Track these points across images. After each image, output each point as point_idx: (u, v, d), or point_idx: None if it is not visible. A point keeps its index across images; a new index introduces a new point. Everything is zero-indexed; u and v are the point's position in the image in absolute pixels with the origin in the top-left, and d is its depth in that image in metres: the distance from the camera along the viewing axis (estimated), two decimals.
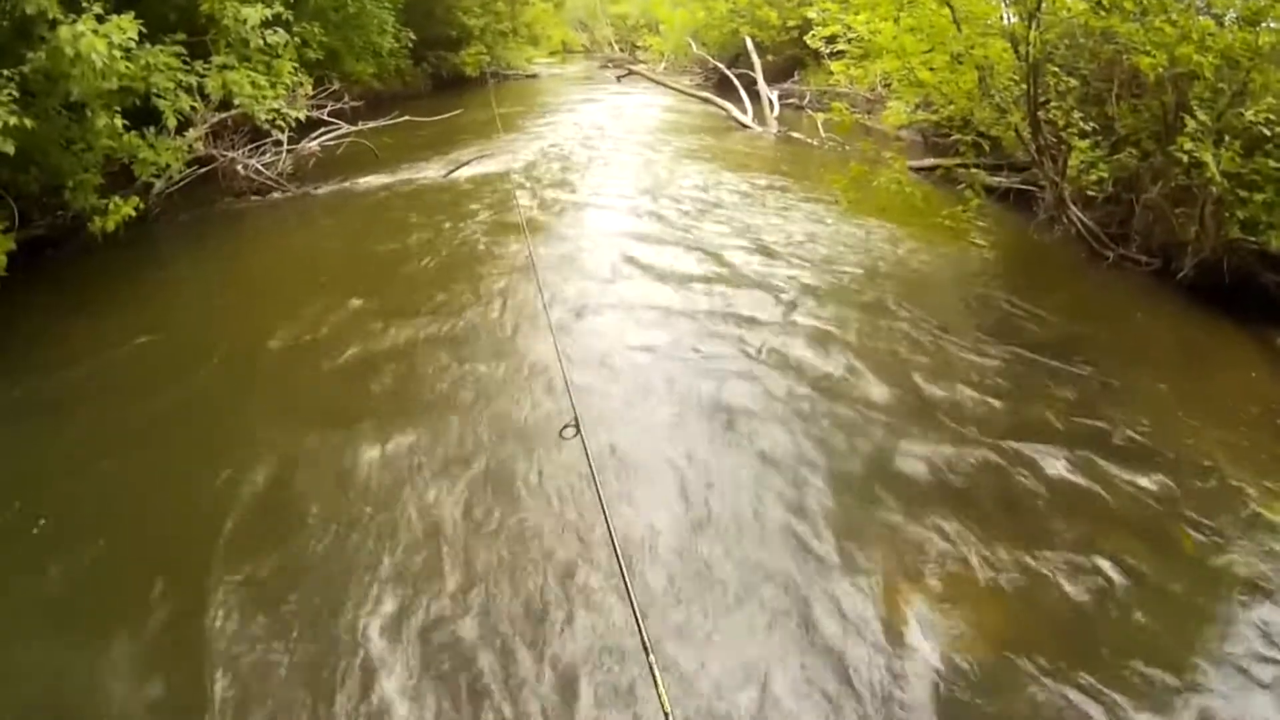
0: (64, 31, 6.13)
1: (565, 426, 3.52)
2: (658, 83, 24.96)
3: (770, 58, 21.21)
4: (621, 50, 38.72)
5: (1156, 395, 5.84)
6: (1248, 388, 6.16)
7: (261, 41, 8.47)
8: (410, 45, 17.87)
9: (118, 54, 6.44)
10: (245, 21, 8.17)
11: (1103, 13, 6.93)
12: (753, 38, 21.16)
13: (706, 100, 20.09)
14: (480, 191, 11.04)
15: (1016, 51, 7.76)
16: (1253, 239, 6.77)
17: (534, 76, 30.26)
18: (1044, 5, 7.14)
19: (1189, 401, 5.87)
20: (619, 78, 28.40)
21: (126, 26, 6.53)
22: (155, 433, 5.11)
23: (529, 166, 12.73)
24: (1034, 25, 7.13)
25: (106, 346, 6.26)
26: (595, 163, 13.34)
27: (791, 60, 21.89)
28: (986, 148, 8.95)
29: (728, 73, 21.01)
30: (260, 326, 6.63)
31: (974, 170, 8.29)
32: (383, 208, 10.21)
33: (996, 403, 5.50)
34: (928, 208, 8.93)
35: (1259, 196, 6.58)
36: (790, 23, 21.46)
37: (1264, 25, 6.45)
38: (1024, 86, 7.79)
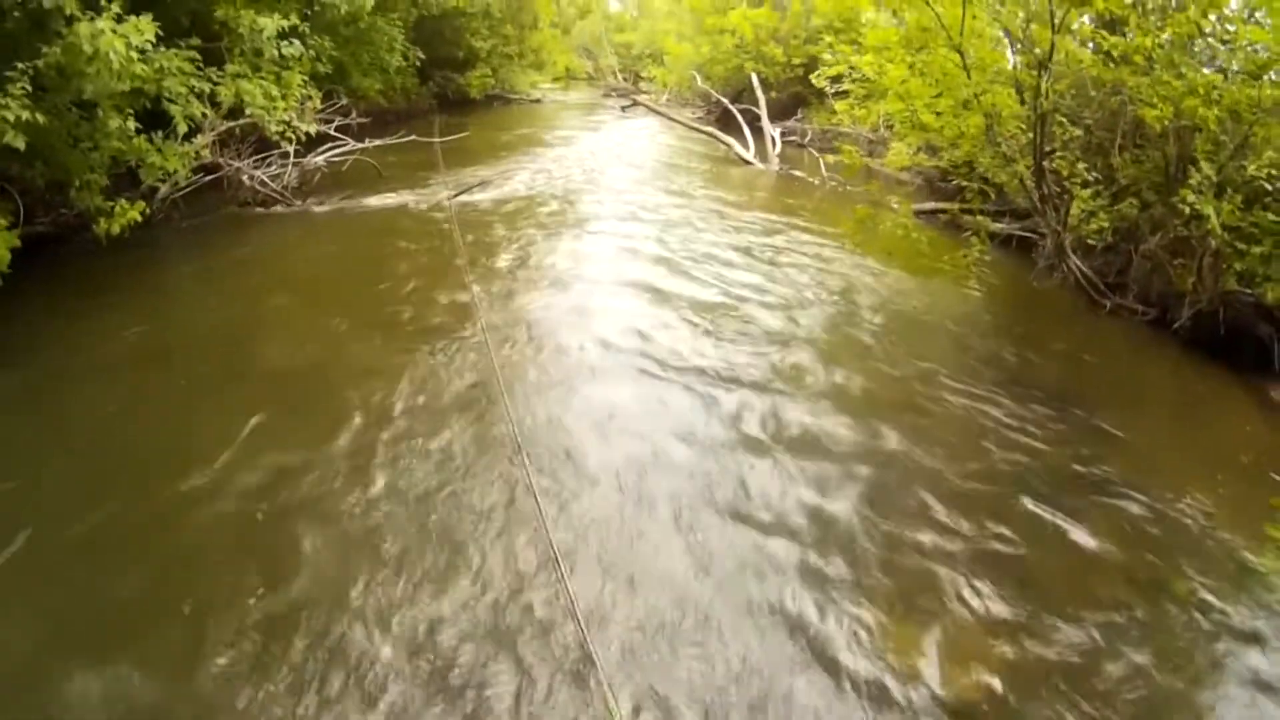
0: (84, 28, 6.12)
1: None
2: (662, 115, 25.13)
3: (773, 94, 21.42)
4: (625, 79, 39.03)
5: (1152, 444, 5.87)
6: (1242, 439, 6.21)
7: (276, 53, 8.48)
8: (418, 64, 17.96)
9: (134, 55, 6.43)
10: (262, 31, 8.19)
11: (1112, 65, 7.03)
12: (758, 74, 21.35)
13: (710, 135, 20.22)
14: (485, 220, 10.97)
15: (1022, 100, 7.87)
16: (1249, 291, 6.86)
17: (538, 101, 30.48)
18: (1054, 56, 7.22)
19: (1184, 451, 5.92)
20: (624, 108, 28.59)
21: (145, 28, 6.54)
22: (144, 432, 5.07)
23: (535, 195, 12.72)
24: (1045, 76, 7.22)
25: (105, 349, 6.18)
26: (600, 196, 13.32)
27: (794, 98, 22.11)
28: (992, 196, 9.03)
29: (731, 108, 21.17)
30: (258, 342, 6.58)
31: (980, 218, 8.36)
32: (385, 230, 10.07)
33: (996, 449, 5.50)
34: (930, 252, 8.96)
35: (1257, 249, 6.67)
36: (795, 60, 21.71)
37: (1267, 78, 6.57)
38: (1030, 135, 7.88)
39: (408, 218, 10.79)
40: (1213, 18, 7.14)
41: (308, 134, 10.16)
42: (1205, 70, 6.97)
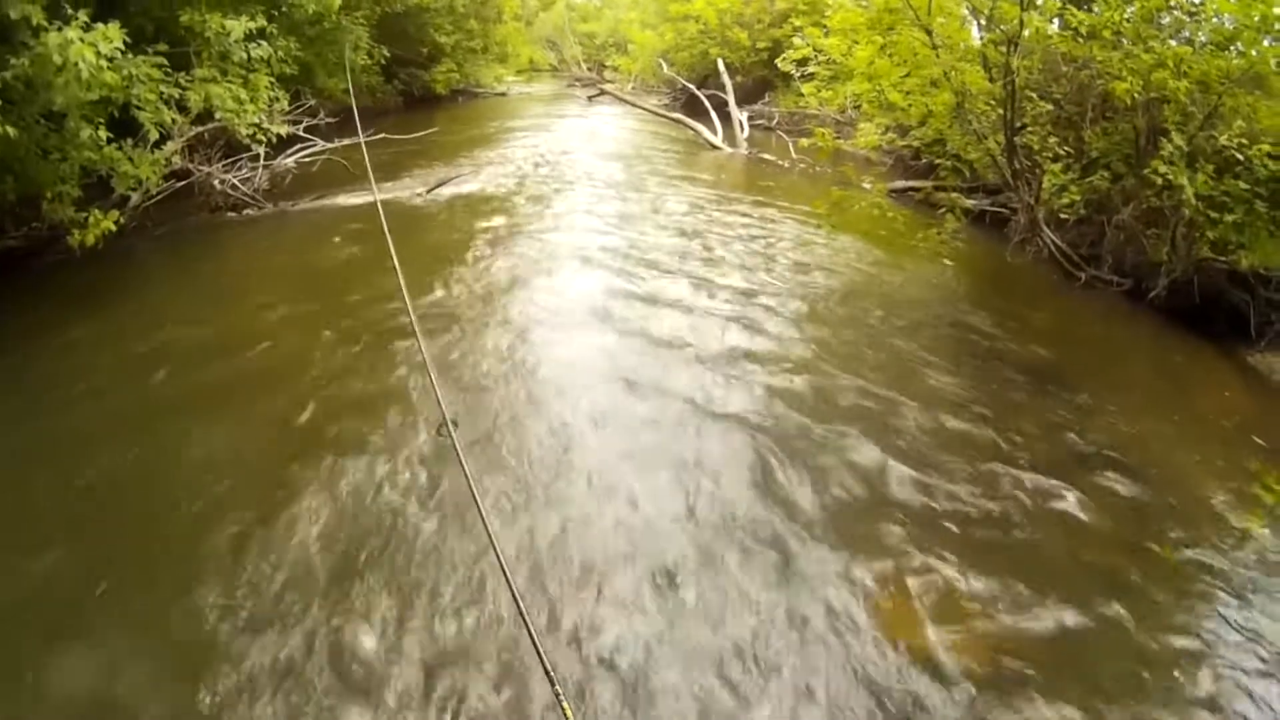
0: (53, 38, 5.98)
1: (441, 426, 3.37)
2: (629, 103, 25.10)
3: (739, 79, 21.44)
4: (590, 70, 38.89)
5: (1133, 413, 5.96)
6: (1222, 404, 6.34)
7: (245, 55, 8.37)
8: (383, 62, 17.77)
9: (104, 64, 6.32)
10: (229, 34, 8.08)
11: (1081, 39, 7.10)
12: (723, 59, 21.36)
13: (678, 121, 20.23)
14: (459, 212, 10.96)
15: (991, 77, 7.94)
16: (1222, 259, 6.98)
17: (503, 95, 30.28)
18: (1023, 32, 7.29)
19: (1165, 419, 6.03)
20: (590, 98, 28.50)
21: (113, 35, 6.39)
22: (120, 442, 4.99)
23: (505, 188, 12.64)
24: (1014, 52, 7.28)
25: (82, 368, 5.99)
26: (573, 183, 13.34)
27: (761, 82, 22.17)
28: (966, 173, 9.12)
29: (698, 93, 21.17)
30: (238, 353, 6.36)
31: (954, 195, 8.44)
32: (358, 228, 9.88)
33: (977, 424, 5.58)
34: (905, 230, 9.02)
35: (1229, 217, 6.79)
36: (760, 45, 21.73)
37: (1234, 49, 6.67)
38: (1000, 111, 7.95)
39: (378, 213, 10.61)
40: None
41: (278, 136, 10.02)
42: (1172, 43, 7.05)
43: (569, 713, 2.27)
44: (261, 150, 10.27)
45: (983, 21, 8.46)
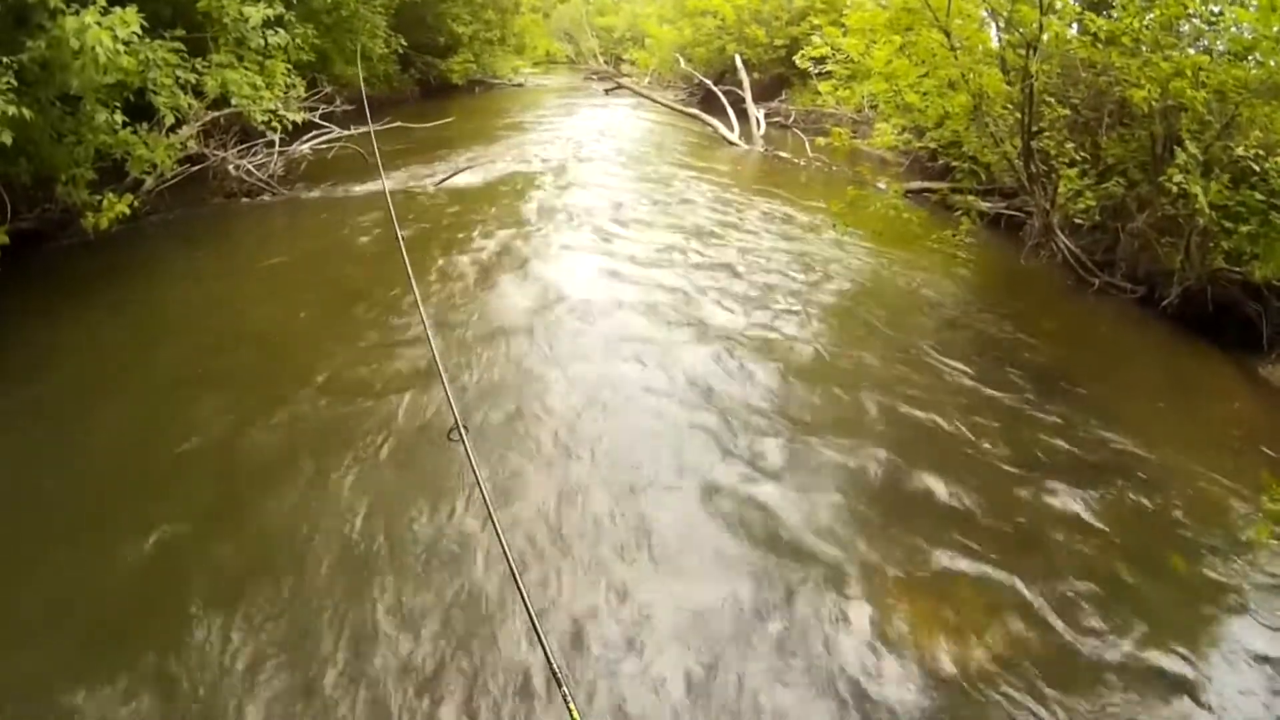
0: (70, 22, 6.00)
1: (451, 429, 3.27)
2: (646, 97, 25.02)
3: (756, 76, 21.36)
4: (606, 63, 38.81)
5: (1144, 421, 5.94)
6: (1231, 414, 6.32)
7: (262, 42, 8.38)
8: (400, 51, 17.78)
9: (120, 48, 6.34)
10: (247, 20, 8.10)
11: (1099, 45, 7.07)
12: (741, 55, 21.29)
13: (694, 117, 20.18)
14: (473, 202, 10.97)
15: (1008, 80, 7.90)
16: (1237, 269, 6.94)
17: (520, 85, 30.21)
18: (1042, 36, 7.25)
19: (1175, 427, 6.01)
20: (607, 91, 28.41)
21: (130, 20, 6.41)
22: (133, 431, 5.03)
23: (519, 179, 12.65)
24: (1033, 55, 7.25)
25: (95, 349, 6.10)
26: (588, 175, 13.32)
27: (778, 79, 22.08)
28: (983, 176, 9.08)
29: (715, 89, 21.09)
30: (254, 345, 6.38)
31: (970, 198, 8.40)
32: (371, 217, 9.77)
33: (988, 427, 5.55)
34: (921, 232, 8.99)
35: (1244, 228, 6.74)
36: (778, 42, 21.65)
37: (1252, 59, 6.63)
38: (1017, 115, 7.91)
39: (398, 204, 10.60)
40: None
41: (294, 123, 10.02)
42: (1190, 51, 7.01)
43: (575, 714, 2.26)
44: (277, 136, 10.29)
45: (1001, 24, 8.42)
